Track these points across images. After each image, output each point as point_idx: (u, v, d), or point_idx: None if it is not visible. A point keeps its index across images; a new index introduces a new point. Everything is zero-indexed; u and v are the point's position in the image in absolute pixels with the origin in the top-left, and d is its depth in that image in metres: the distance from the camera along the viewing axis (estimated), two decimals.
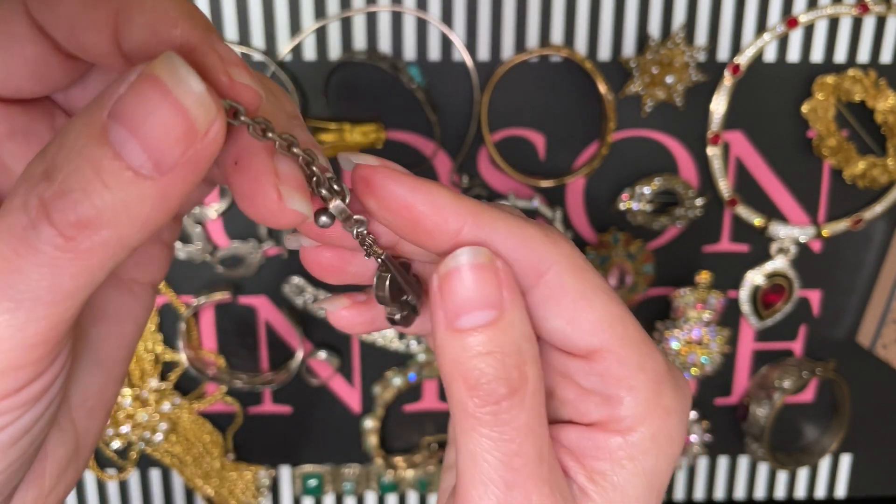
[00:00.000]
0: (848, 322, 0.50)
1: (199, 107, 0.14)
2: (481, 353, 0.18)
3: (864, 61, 0.44)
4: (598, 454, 0.20)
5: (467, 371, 0.18)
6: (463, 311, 0.18)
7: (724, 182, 0.45)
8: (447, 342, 0.18)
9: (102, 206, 0.14)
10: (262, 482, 0.50)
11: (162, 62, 0.14)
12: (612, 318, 0.19)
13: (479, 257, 0.18)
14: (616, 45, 0.43)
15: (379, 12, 0.42)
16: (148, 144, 0.14)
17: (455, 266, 0.18)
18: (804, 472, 0.52)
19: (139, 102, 0.14)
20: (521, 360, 0.18)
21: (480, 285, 0.18)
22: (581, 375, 0.20)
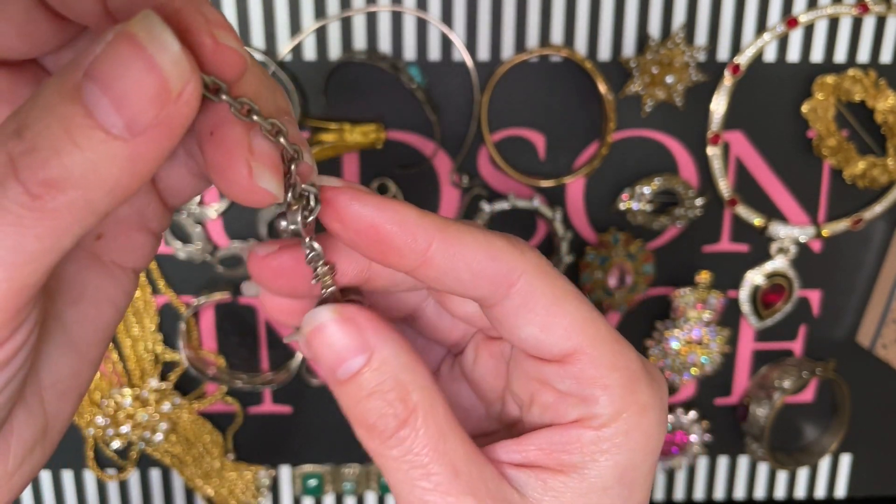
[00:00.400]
0: (848, 322, 0.50)
1: (173, 67, 0.14)
2: (364, 397, 0.19)
3: (864, 61, 0.44)
4: (569, 448, 0.20)
5: (359, 415, 0.19)
6: (336, 365, 0.19)
7: (723, 182, 0.45)
8: (337, 395, 0.19)
9: (71, 166, 0.14)
10: (262, 482, 0.50)
11: (139, 21, 0.14)
12: (583, 321, 0.20)
13: (331, 313, 0.19)
14: (616, 45, 0.43)
15: (379, 12, 0.42)
16: (120, 103, 0.13)
17: (311, 328, 0.19)
18: (804, 472, 0.52)
19: (113, 61, 0.13)
20: (402, 391, 0.19)
21: (341, 338, 0.19)
22: (557, 379, 0.21)
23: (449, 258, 0.19)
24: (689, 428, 0.50)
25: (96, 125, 0.14)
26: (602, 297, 0.46)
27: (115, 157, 0.14)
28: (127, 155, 0.14)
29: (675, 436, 0.50)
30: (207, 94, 0.15)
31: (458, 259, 0.19)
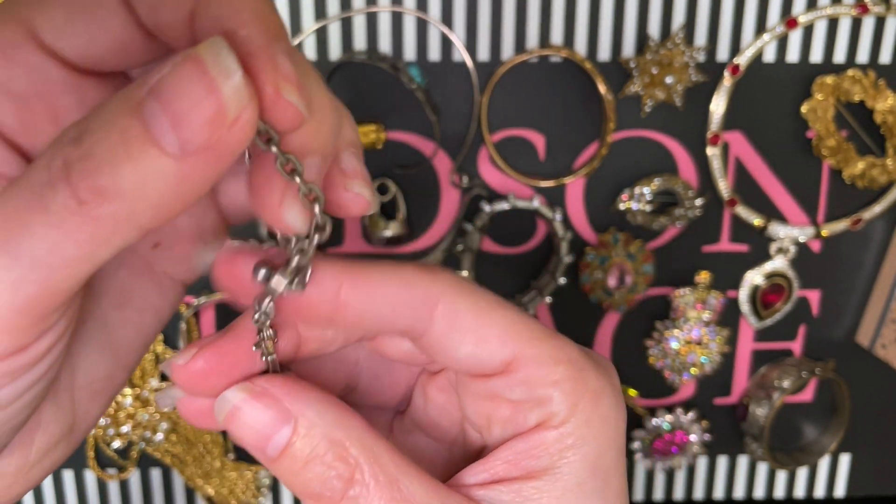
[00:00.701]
0: (847, 322, 0.50)
1: (233, 93, 0.14)
2: (301, 467, 0.18)
3: (864, 62, 0.44)
4: (535, 452, 0.20)
5: (303, 488, 0.18)
6: (263, 445, 0.18)
7: (723, 182, 0.45)
8: (276, 472, 0.19)
9: (122, 177, 0.14)
10: (262, 482, 0.50)
11: (207, 45, 0.14)
12: (514, 325, 0.20)
13: (241, 392, 0.19)
14: (616, 45, 0.43)
15: (379, 13, 0.42)
16: (178, 122, 0.14)
17: (225, 414, 0.19)
18: (803, 472, 0.52)
19: (177, 81, 0.14)
20: (339, 450, 0.18)
21: (259, 415, 0.18)
22: (506, 391, 0.20)
23: (362, 297, 0.19)
24: (689, 428, 0.50)
25: (152, 140, 0.14)
26: (602, 298, 0.47)
27: (164, 175, 0.14)
28: (176, 173, 0.14)
29: (675, 435, 0.50)
30: (259, 141, 0.16)
31: (371, 296, 0.19)
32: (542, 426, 0.20)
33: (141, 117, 0.14)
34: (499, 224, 0.46)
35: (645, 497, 0.52)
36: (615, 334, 0.49)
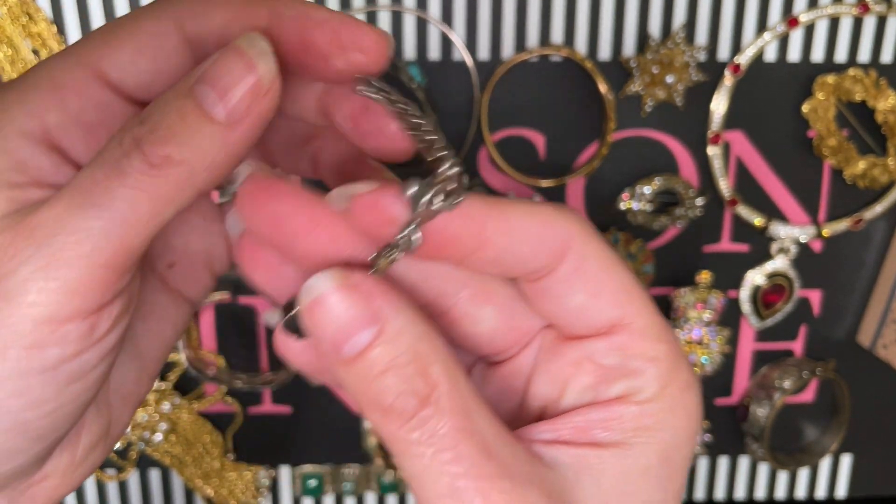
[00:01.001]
0: (848, 322, 0.50)
1: (266, 69, 0.17)
2: (377, 374, 0.17)
3: (865, 61, 0.44)
4: (609, 424, 0.19)
5: (373, 397, 0.17)
6: (341, 342, 0.17)
7: (724, 182, 0.45)
8: (344, 376, 0.18)
9: (184, 144, 0.16)
10: (261, 482, 0.50)
11: (245, 37, 0.17)
12: (631, 289, 0.19)
13: (329, 281, 0.17)
14: (616, 44, 0.43)
15: (378, 12, 0.42)
16: (224, 94, 0.16)
17: (311, 299, 0.17)
18: (804, 473, 0.52)
19: (222, 65, 0.17)
20: (421, 364, 0.17)
21: (347, 309, 0.17)
22: (600, 354, 0.19)
23: (506, 234, 0.18)
24: None
25: (204, 114, 0.17)
26: None
27: (216, 140, 0.17)
28: (224, 139, 0.17)
29: None
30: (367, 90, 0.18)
31: (515, 233, 0.18)
32: (624, 399, 0.19)
33: (193, 97, 0.17)
34: None
35: None
36: None
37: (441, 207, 0.17)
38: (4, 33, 0.40)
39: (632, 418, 0.19)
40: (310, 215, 0.18)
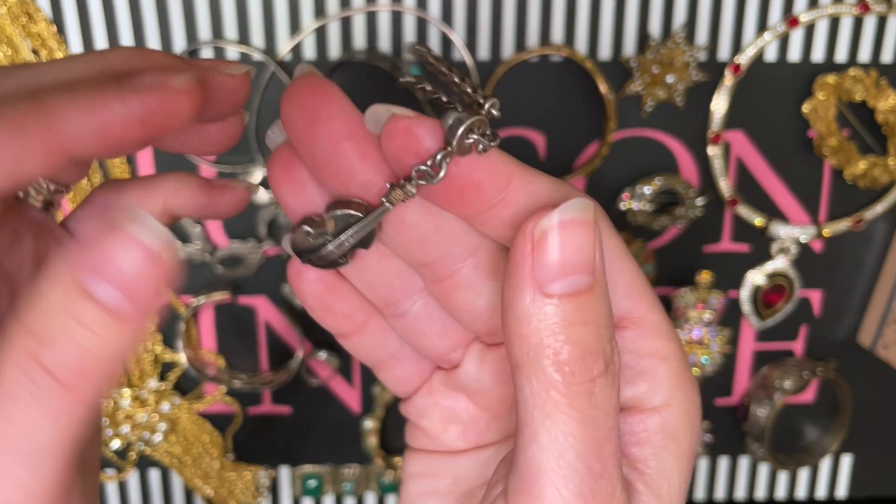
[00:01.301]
0: (849, 322, 0.50)
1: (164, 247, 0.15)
2: (577, 323, 0.15)
3: (865, 61, 0.44)
4: (636, 439, 0.18)
5: (561, 344, 0.15)
6: (559, 275, 0.15)
7: (724, 182, 0.45)
8: (535, 310, 0.16)
9: (89, 348, 0.15)
10: (261, 482, 0.50)
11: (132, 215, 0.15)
12: (641, 284, 0.18)
13: (588, 212, 0.16)
14: (616, 44, 0.43)
15: (379, 12, 0.42)
16: (125, 288, 0.15)
17: (562, 220, 0.16)
18: (805, 473, 0.52)
19: (112, 255, 0.15)
20: (612, 332, 0.16)
21: (582, 245, 0.16)
22: None
23: (527, 195, 0.17)
24: None
25: (106, 311, 0.15)
26: None
27: (125, 331, 0.15)
28: (134, 326, 0.15)
29: None
30: None
31: (536, 197, 0.17)
32: (640, 408, 0.18)
33: (87, 296, 0.14)
34: None
35: None
36: None
37: (475, 143, 0.16)
38: (4, 33, 0.40)
39: (658, 429, 0.18)
40: (346, 125, 0.17)
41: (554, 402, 0.16)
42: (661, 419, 0.18)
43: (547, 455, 0.16)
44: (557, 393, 0.16)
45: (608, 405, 0.16)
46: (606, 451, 0.16)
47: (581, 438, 0.16)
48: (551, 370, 0.16)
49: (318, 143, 0.17)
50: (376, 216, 0.18)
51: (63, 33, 0.41)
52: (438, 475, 0.24)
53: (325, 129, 0.17)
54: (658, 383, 0.18)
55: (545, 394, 0.16)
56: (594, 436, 0.16)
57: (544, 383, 0.16)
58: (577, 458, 0.15)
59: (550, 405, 0.16)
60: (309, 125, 0.17)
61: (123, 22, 0.41)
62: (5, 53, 0.40)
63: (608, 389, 0.16)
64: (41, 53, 0.41)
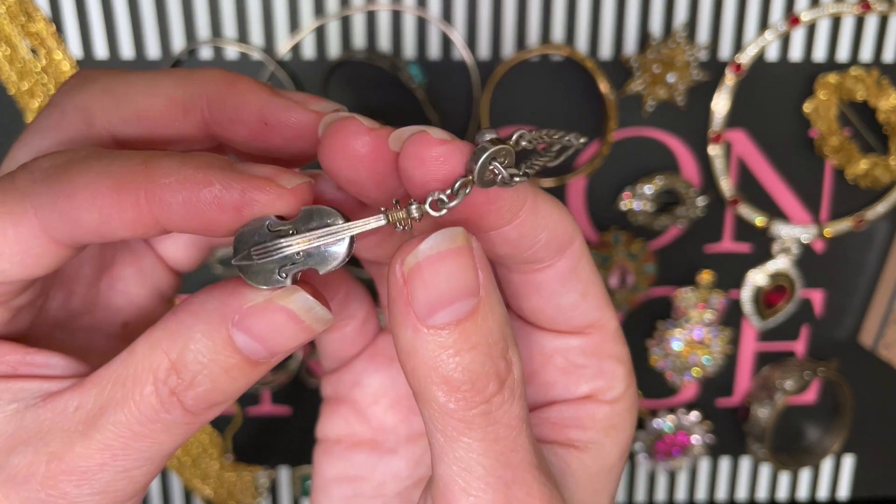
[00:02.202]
0: (850, 322, 0.50)
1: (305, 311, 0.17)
2: (464, 350, 0.16)
3: (867, 60, 0.44)
4: (585, 424, 0.20)
5: (449, 373, 0.16)
6: (440, 307, 0.16)
7: (725, 181, 0.45)
8: (419, 343, 0.16)
9: (227, 391, 0.17)
10: (261, 483, 0.50)
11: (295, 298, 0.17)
12: (605, 293, 0.20)
13: (457, 240, 0.16)
14: (617, 43, 0.43)
15: (378, 11, 0.42)
16: (272, 349, 0.17)
17: (428, 255, 0.16)
18: (806, 473, 0.52)
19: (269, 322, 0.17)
20: (505, 346, 0.16)
21: (458, 273, 0.16)
22: (575, 352, 0.20)
23: (536, 217, 0.17)
24: (691, 429, 0.49)
25: (251, 363, 0.17)
26: None
27: (256, 375, 0.17)
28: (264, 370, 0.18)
29: (677, 437, 0.49)
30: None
31: (542, 219, 0.18)
32: (593, 398, 0.20)
33: (240, 353, 0.17)
34: None
35: (647, 498, 0.52)
36: None
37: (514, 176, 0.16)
38: (3, 32, 0.40)
39: (604, 418, 0.20)
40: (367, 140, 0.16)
41: (452, 427, 0.16)
42: (609, 410, 0.20)
43: (455, 472, 0.16)
44: (453, 419, 0.16)
45: (508, 417, 0.16)
46: (514, 459, 0.16)
47: (486, 454, 0.16)
48: (443, 400, 0.16)
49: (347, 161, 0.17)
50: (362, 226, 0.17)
51: (62, 32, 0.41)
52: (365, 477, 0.24)
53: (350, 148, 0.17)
54: (614, 382, 0.20)
55: (443, 420, 0.16)
56: (499, 448, 0.16)
57: (439, 412, 0.16)
58: (485, 472, 0.16)
59: (450, 430, 0.16)
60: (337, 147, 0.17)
61: (122, 21, 0.41)
62: (4, 53, 0.40)
63: (506, 404, 0.16)
64: (39, 52, 0.41)
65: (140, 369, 0.16)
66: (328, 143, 0.17)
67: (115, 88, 0.18)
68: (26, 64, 0.41)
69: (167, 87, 0.18)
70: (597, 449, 0.20)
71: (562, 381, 0.20)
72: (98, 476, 0.16)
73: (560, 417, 0.20)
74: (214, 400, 0.17)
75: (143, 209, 0.16)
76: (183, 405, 0.17)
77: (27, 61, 0.41)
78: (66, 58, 0.41)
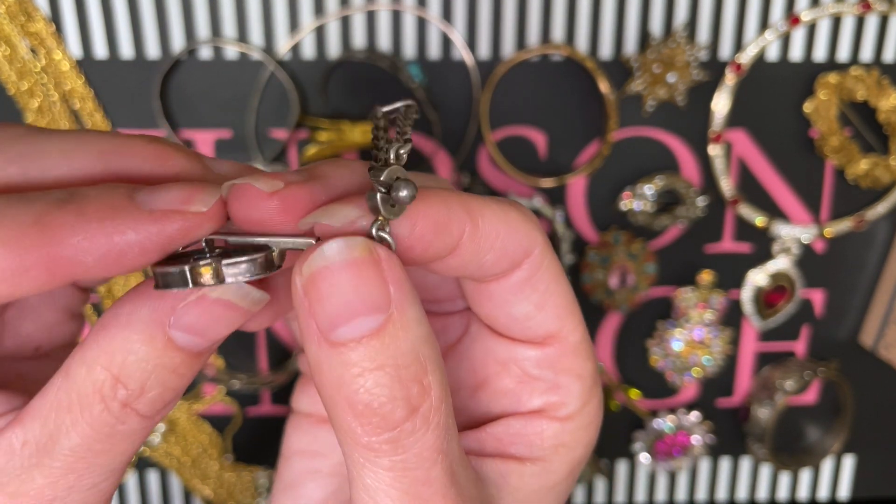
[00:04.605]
0: (851, 322, 0.49)
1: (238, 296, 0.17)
2: (369, 370, 0.15)
3: (867, 60, 0.44)
4: (530, 439, 0.19)
5: (353, 394, 0.15)
6: (341, 321, 0.14)
7: (726, 181, 0.45)
8: (323, 359, 0.15)
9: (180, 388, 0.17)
10: (260, 483, 0.50)
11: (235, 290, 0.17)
12: (570, 304, 0.19)
13: (354, 250, 0.15)
14: (617, 43, 0.43)
15: (378, 11, 0.42)
16: (210, 336, 0.17)
17: (324, 265, 0.15)
18: (807, 474, 0.52)
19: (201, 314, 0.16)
20: (419, 369, 0.15)
21: (359, 285, 0.14)
22: (530, 363, 0.19)
23: (477, 242, 0.16)
24: (691, 429, 0.49)
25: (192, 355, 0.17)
26: (603, 298, 0.46)
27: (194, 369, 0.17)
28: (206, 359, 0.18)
29: (677, 437, 0.49)
30: None
31: (485, 240, 0.17)
32: (543, 413, 0.19)
33: (178, 349, 0.16)
34: None
35: (647, 498, 0.52)
36: (617, 335, 0.48)
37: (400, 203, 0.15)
38: (2, 32, 0.40)
39: (552, 435, 0.19)
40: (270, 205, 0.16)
41: (359, 452, 0.15)
42: (560, 428, 0.19)
43: (365, 501, 0.16)
44: (360, 445, 0.15)
45: (420, 447, 0.15)
46: (425, 492, 0.15)
47: (393, 485, 0.15)
48: (351, 422, 0.15)
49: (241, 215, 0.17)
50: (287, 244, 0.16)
51: (61, 32, 0.41)
52: (325, 454, 0.24)
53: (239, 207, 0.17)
54: (569, 398, 0.19)
55: (350, 444, 0.15)
56: (408, 480, 0.15)
57: (347, 434, 0.15)
58: (398, 499, 0.15)
59: (356, 455, 0.15)
60: None
61: (122, 21, 0.41)
62: (3, 52, 0.40)
63: (419, 432, 0.15)
64: (39, 52, 0.41)
65: (83, 390, 0.16)
66: (233, 208, 0.16)
67: (28, 152, 0.17)
68: (26, 64, 0.41)
69: (87, 160, 0.17)
70: (541, 466, 0.19)
71: (514, 391, 0.19)
72: (68, 500, 0.16)
73: (506, 433, 0.19)
74: (167, 399, 0.17)
75: (53, 273, 0.15)
76: (138, 413, 0.16)
77: (26, 61, 0.41)
78: (65, 58, 0.41)
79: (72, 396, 0.16)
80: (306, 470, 0.24)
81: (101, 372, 0.16)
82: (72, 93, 0.41)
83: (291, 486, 0.24)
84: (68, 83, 0.41)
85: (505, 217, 0.17)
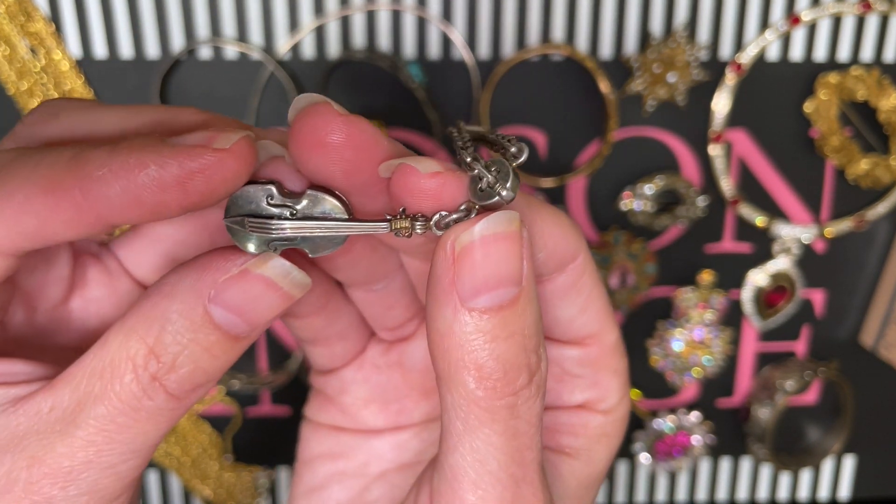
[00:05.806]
0: (851, 322, 0.49)
1: (298, 290, 0.17)
2: (500, 338, 0.15)
3: (868, 60, 0.44)
4: (577, 431, 0.20)
5: (482, 359, 0.15)
6: (484, 290, 0.15)
7: (726, 181, 0.45)
8: (456, 324, 0.15)
9: (209, 370, 0.17)
10: (260, 483, 0.49)
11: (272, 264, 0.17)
12: (607, 305, 0.20)
13: (513, 224, 0.16)
14: (618, 43, 0.43)
15: (378, 10, 0.42)
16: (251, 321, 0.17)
17: (483, 235, 0.15)
18: (807, 474, 0.52)
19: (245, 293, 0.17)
20: (539, 341, 0.16)
21: (507, 258, 0.15)
22: (571, 362, 0.20)
23: (532, 240, 0.17)
24: (692, 430, 0.49)
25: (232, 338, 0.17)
26: None
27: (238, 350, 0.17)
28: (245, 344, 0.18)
29: (677, 437, 0.49)
30: None
31: (538, 238, 0.17)
32: (587, 407, 0.20)
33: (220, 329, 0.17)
34: None
35: (647, 499, 0.52)
36: None
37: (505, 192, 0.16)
38: (2, 32, 0.40)
39: (597, 426, 0.20)
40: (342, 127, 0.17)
41: (475, 415, 0.16)
42: (603, 420, 0.20)
43: (469, 463, 0.16)
44: (479, 408, 0.16)
45: (530, 414, 0.16)
46: (528, 457, 0.16)
47: (502, 449, 0.16)
48: (472, 385, 0.16)
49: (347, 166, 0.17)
50: (364, 229, 0.17)
51: (61, 32, 0.41)
52: (349, 456, 0.24)
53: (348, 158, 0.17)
54: (609, 394, 0.20)
55: (466, 407, 0.16)
56: (515, 444, 0.16)
57: (465, 398, 0.16)
58: (498, 468, 0.16)
59: (472, 418, 0.16)
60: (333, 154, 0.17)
61: (122, 21, 0.41)
62: (3, 52, 0.40)
63: (531, 399, 0.16)
64: (39, 52, 0.41)
65: (117, 358, 0.16)
66: (298, 132, 0.16)
67: (84, 121, 0.18)
68: (25, 63, 0.41)
69: (141, 126, 0.18)
70: (588, 456, 0.20)
71: (556, 388, 0.21)
72: (83, 476, 0.16)
73: (553, 423, 0.20)
74: (197, 381, 0.17)
75: (81, 207, 0.15)
76: (166, 389, 0.16)
77: (26, 61, 0.41)
78: (65, 57, 0.41)
79: (105, 363, 0.16)
80: (330, 472, 0.24)
81: (136, 341, 0.16)
82: (71, 93, 0.41)
83: (314, 490, 0.24)
84: (68, 83, 0.41)
85: (558, 220, 0.18)
